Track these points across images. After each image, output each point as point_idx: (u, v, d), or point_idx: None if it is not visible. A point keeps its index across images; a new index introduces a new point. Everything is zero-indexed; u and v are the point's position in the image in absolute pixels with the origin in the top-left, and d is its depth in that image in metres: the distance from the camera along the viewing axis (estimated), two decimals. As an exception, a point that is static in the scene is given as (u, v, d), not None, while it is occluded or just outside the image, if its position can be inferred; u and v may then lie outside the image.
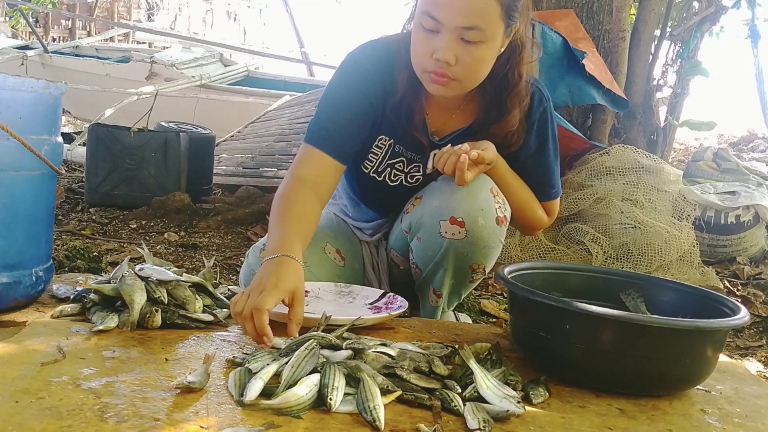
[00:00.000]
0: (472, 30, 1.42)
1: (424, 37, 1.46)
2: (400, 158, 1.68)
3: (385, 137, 1.66)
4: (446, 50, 1.43)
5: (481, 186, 1.56)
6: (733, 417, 1.16)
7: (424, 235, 1.60)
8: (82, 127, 6.28)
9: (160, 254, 2.81)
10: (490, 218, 1.55)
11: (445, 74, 1.46)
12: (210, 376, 1.09)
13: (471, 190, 1.54)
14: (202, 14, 22.93)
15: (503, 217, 1.58)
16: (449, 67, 1.45)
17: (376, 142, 1.66)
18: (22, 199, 1.37)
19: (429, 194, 1.61)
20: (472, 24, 1.41)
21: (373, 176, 1.69)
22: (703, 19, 3.77)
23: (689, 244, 2.86)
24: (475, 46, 1.43)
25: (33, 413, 0.94)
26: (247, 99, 6.18)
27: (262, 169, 4.02)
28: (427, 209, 1.59)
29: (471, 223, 1.53)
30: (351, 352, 1.17)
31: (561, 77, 3.12)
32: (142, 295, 1.37)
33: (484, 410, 1.04)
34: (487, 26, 1.42)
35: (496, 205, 1.56)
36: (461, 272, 1.61)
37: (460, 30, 1.42)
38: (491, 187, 1.57)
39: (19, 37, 13.74)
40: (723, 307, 1.30)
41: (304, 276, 1.62)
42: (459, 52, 1.43)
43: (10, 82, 1.32)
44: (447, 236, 1.55)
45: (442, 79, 1.47)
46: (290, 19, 9.17)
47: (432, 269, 1.62)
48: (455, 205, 1.53)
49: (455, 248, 1.56)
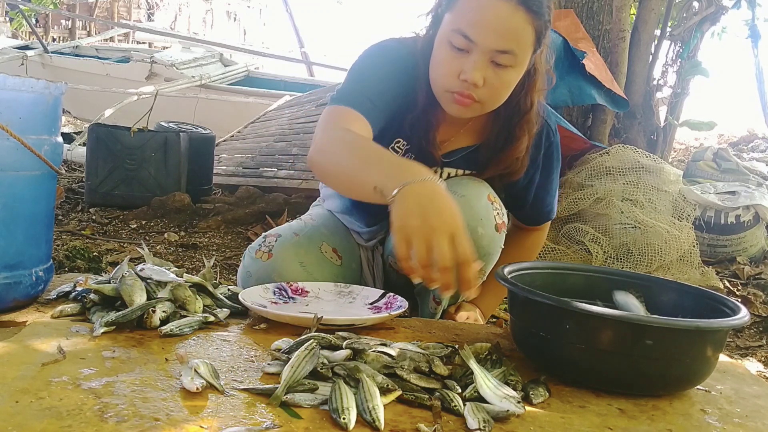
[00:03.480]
0: (505, 54, 1.38)
1: (452, 56, 1.41)
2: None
3: (403, 141, 1.62)
4: (476, 71, 1.38)
5: (479, 194, 1.55)
6: (733, 417, 1.15)
7: None
8: (82, 127, 6.28)
9: (160, 254, 2.81)
10: (489, 226, 1.54)
11: (471, 96, 1.42)
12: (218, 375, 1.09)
13: (469, 200, 1.52)
14: (202, 14, 22.92)
15: (502, 222, 1.58)
16: (475, 89, 1.41)
17: (393, 144, 1.62)
18: (22, 199, 1.37)
19: None
20: (508, 48, 1.38)
21: None
22: (703, 19, 3.77)
23: (689, 244, 2.86)
24: (505, 71, 1.40)
25: (33, 413, 0.94)
26: (247, 99, 6.18)
27: (262, 169, 4.02)
28: None
29: (471, 233, 1.50)
30: (350, 351, 1.17)
31: (561, 77, 3.12)
32: (142, 295, 1.37)
33: (484, 410, 1.04)
34: (520, 51, 1.40)
35: (494, 212, 1.56)
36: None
37: (493, 53, 1.38)
38: (488, 194, 1.57)
39: (19, 37, 13.73)
40: (723, 307, 1.30)
41: (303, 278, 1.63)
42: (488, 74, 1.40)
43: (10, 82, 1.32)
44: None
45: (466, 101, 1.43)
46: (290, 19, 9.17)
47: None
48: None
49: None
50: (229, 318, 1.43)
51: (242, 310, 1.47)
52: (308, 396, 1.05)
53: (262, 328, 1.39)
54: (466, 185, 1.57)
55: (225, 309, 1.45)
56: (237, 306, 1.47)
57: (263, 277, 1.64)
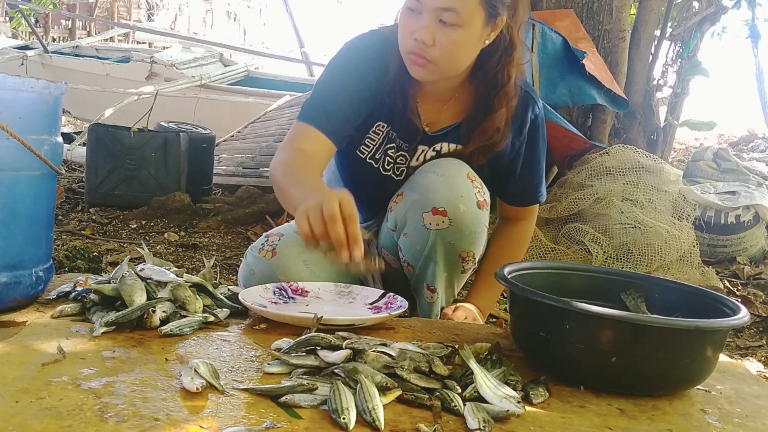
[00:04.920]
0: (448, 12, 1.47)
1: (408, 18, 1.52)
2: (392, 144, 1.71)
3: (383, 123, 1.69)
4: (424, 30, 1.48)
5: (458, 173, 1.59)
6: (733, 417, 1.15)
7: (409, 230, 1.62)
8: (82, 127, 6.28)
9: (160, 254, 2.81)
10: (471, 203, 1.57)
11: (422, 55, 1.51)
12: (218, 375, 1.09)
13: (448, 179, 1.57)
14: (202, 14, 22.93)
15: (483, 200, 1.61)
16: (427, 48, 1.50)
17: (374, 128, 1.69)
18: (22, 199, 1.37)
19: (409, 189, 1.64)
20: (449, 5, 1.47)
21: (370, 162, 1.72)
22: (703, 19, 3.76)
23: (689, 244, 2.86)
24: (451, 29, 1.48)
25: (33, 413, 0.94)
26: (247, 99, 6.18)
27: (262, 169, 4.02)
28: (408, 204, 1.61)
29: (453, 210, 1.56)
30: (350, 352, 1.17)
31: (561, 77, 3.13)
32: (142, 295, 1.37)
33: (484, 410, 1.04)
34: (463, 9, 1.47)
35: (474, 190, 1.59)
36: (451, 263, 1.63)
37: (438, 11, 1.48)
38: (468, 173, 1.61)
39: (19, 37, 13.73)
40: (723, 307, 1.30)
41: (306, 276, 1.66)
42: (437, 34, 1.49)
43: (10, 82, 1.32)
44: (432, 227, 1.57)
45: (420, 60, 1.52)
46: (290, 19, 9.16)
47: (423, 264, 1.64)
48: (435, 195, 1.56)
49: (442, 238, 1.58)
50: (229, 318, 1.43)
51: (242, 310, 1.47)
52: (308, 396, 1.05)
53: (262, 328, 1.39)
54: (445, 165, 1.62)
55: (225, 309, 1.45)
56: (237, 306, 1.47)
57: (267, 275, 1.65)
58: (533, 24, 3.13)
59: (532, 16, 3.25)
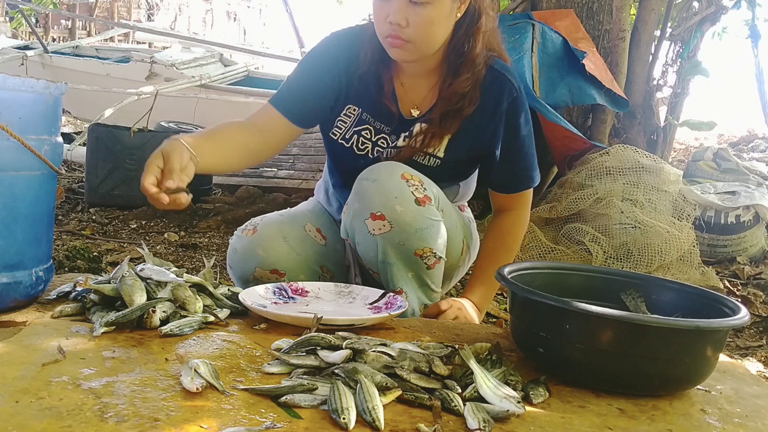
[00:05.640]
0: None
1: (380, 5, 1.58)
2: (366, 126, 1.75)
3: (354, 106, 1.75)
4: (397, 12, 1.55)
5: (390, 175, 1.61)
6: (733, 417, 1.15)
7: (359, 239, 1.64)
8: (82, 127, 6.28)
9: (160, 254, 2.81)
10: (407, 202, 1.58)
11: (399, 36, 1.57)
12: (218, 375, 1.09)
13: (381, 182, 1.59)
14: (202, 14, 22.93)
15: (423, 197, 1.61)
16: (401, 29, 1.56)
17: (345, 111, 1.76)
18: (22, 199, 1.37)
19: (351, 198, 1.65)
20: None
21: (341, 143, 1.76)
22: (703, 19, 3.76)
23: (689, 244, 2.86)
24: (422, 7, 1.54)
25: (33, 413, 0.94)
26: (247, 99, 6.17)
27: (262, 169, 4.02)
28: (351, 214, 1.64)
29: (390, 212, 1.58)
30: (350, 352, 1.17)
31: (561, 77, 3.13)
32: (142, 295, 1.37)
33: (484, 410, 1.04)
34: None
35: (411, 188, 1.60)
36: (410, 262, 1.62)
37: None
38: (402, 173, 1.62)
39: (19, 37, 13.73)
40: (723, 307, 1.30)
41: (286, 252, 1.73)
42: (409, 14, 1.55)
43: (10, 82, 1.32)
44: (376, 233, 1.59)
45: (397, 41, 1.58)
46: (290, 19, 9.14)
47: (382, 269, 1.64)
48: (370, 201, 1.58)
49: (389, 241, 1.59)
50: (229, 318, 1.43)
51: (242, 310, 1.47)
52: (308, 396, 1.05)
53: (262, 328, 1.39)
54: (377, 169, 1.63)
55: (225, 309, 1.45)
56: (237, 306, 1.47)
57: (247, 251, 1.72)
58: (533, 24, 3.14)
59: (532, 16, 3.25)
